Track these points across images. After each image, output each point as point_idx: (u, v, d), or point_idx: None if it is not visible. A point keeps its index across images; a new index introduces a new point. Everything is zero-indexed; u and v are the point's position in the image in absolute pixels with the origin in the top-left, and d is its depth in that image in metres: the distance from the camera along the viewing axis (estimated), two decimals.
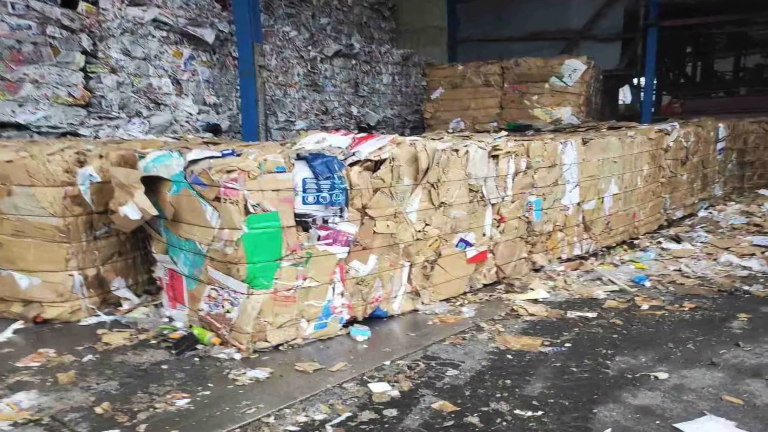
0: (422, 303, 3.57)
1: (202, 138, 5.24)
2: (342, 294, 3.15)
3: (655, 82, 12.15)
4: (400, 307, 3.47)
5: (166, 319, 3.31)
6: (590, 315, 3.49)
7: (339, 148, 3.16)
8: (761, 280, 4.16)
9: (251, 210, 2.77)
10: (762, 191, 8.02)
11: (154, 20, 6.39)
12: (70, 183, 3.28)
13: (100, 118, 5.90)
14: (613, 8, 11.30)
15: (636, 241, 5.36)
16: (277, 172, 2.84)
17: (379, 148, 3.18)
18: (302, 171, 2.90)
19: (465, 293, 3.85)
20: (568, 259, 4.65)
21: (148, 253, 3.52)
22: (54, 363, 2.82)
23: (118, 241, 3.55)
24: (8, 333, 3.20)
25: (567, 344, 3.05)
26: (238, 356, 2.85)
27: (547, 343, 3.07)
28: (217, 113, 7.30)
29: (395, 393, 2.51)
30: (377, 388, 2.55)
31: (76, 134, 5.63)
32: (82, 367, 2.77)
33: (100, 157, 3.40)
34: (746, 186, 8.25)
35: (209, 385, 2.58)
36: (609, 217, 5.06)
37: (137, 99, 6.28)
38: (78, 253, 3.34)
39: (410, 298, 3.52)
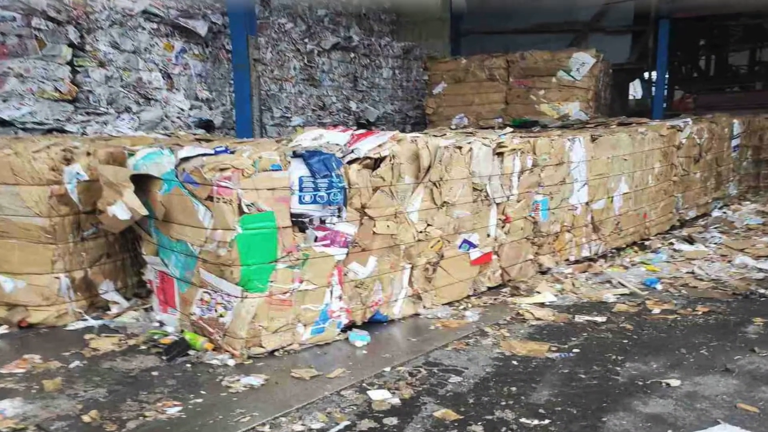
0: (424, 307, 3.56)
1: (195, 134, 5.26)
2: (340, 297, 3.11)
3: (666, 76, 12.10)
4: (401, 311, 3.45)
5: (157, 324, 3.30)
6: (599, 319, 3.47)
7: (337, 145, 3.13)
8: None
9: (245, 210, 2.75)
10: None
11: (144, 12, 6.30)
12: (57, 181, 3.26)
13: (87, 113, 5.83)
14: None
15: (647, 242, 5.37)
16: (273, 170, 2.81)
17: (379, 145, 3.16)
18: (299, 169, 2.88)
19: (468, 297, 3.84)
20: (576, 261, 4.65)
21: (137, 255, 3.51)
22: (39, 369, 2.80)
23: (106, 242, 3.53)
24: None
25: (575, 350, 3.03)
26: (231, 362, 2.82)
27: (554, 348, 3.04)
28: (210, 109, 7.25)
29: (396, 401, 2.47)
30: (377, 395, 2.51)
31: (62, 130, 5.57)
32: (69, 374, 2.74)
33: (88, 154, 3.38)
34: (762, 185, 8.29)
35: (201, 392, 2.54)
36: (619, 217, 5.05)
37: (126, 94, 6.20)
38: (65, 255, 3.32)
39: (411, 301, 3.51)
